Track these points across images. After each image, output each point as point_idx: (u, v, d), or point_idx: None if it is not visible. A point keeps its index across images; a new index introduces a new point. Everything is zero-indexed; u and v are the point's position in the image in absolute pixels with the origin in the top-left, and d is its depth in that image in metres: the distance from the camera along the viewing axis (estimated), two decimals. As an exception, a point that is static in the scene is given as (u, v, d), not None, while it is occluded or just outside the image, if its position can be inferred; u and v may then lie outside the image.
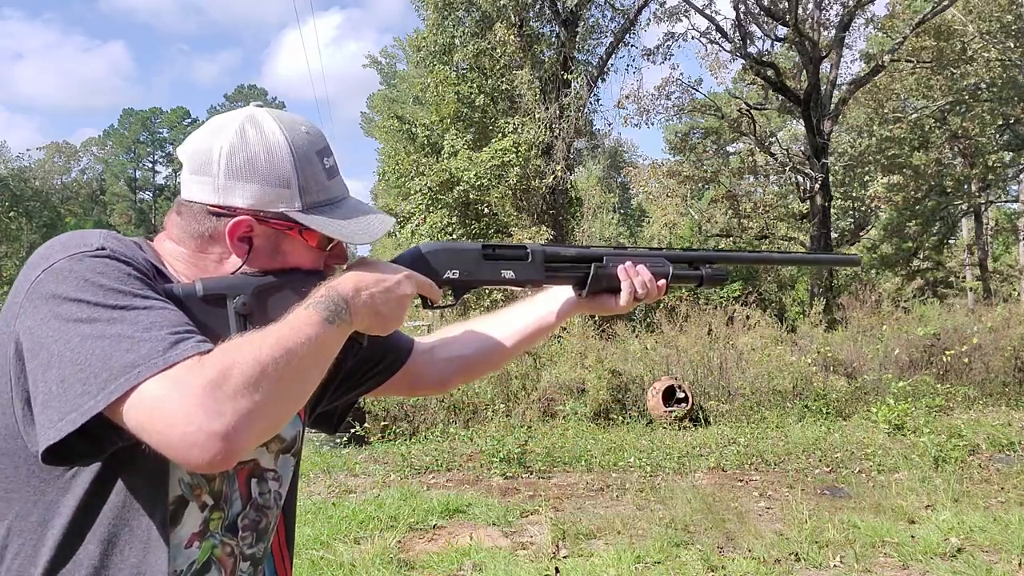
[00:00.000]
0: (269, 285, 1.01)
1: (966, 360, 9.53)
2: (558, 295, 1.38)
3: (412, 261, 1.15)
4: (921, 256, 23.65)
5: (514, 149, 15.47)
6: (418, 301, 1.17)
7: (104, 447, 0.85)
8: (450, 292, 1.22)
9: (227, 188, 0.98)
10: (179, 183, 1.06)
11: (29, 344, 0.84)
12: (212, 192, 0.99)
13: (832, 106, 17.90)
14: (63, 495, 0.89)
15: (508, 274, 1.23)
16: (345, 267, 1.07)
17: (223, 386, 0.79)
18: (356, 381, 1.27)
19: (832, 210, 18.99)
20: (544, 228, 15.39)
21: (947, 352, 9.55)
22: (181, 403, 0.78)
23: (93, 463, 0.88)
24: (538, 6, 17.11)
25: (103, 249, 0.89)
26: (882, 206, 21.95)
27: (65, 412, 0.79)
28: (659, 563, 4.21)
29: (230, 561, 1.04)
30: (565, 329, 10.68)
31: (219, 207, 0.99)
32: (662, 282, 1.33)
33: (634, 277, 1.30)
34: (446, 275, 1.18)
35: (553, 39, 17.37)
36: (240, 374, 0.80)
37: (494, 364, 1.41)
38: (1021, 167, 21.45)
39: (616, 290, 1.32)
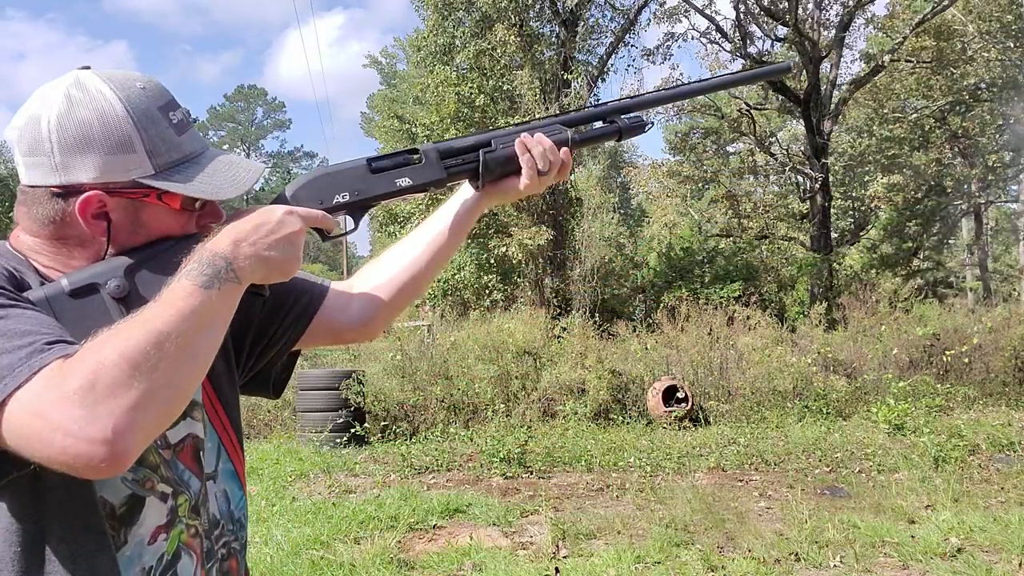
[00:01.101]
0: (140, 261, 0.92)
1: (966, 360, 9.53)
2: (462, 194, 1.27)
3: (292, 197, 1.06)
4: (921, 256, 23.65)
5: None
6: (318, 238, 1.09)
7: (4, 472, 0.81)
8: (347, 216, 1.13)
9: (66, 165, 0.89)
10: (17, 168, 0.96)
11: None
12: (51, 172, 0.90)
13: (832, 106, 17.90)
14: None
15: (404, 181, 1.14)
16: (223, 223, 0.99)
17: (92, 391, 0.73)
18: (272, 336, 1.18)
19: (832, 210, 18.98)
20: (544, 228, 15.39)
21: (947, 352, 9.55)
22: (52, 416, 0.72)
23: None
24: (538, 6, 17.12)
25: None
26: (882, 206, 21.94)
27: None
28: (659, 563, 4.21)
29: (197, 541, 1.00)
30: (565, 329, 10.68)
31: (62, 187, 0.90)
32: (564, 150, 1.20)
33: (533, 149, 1.17)
34: (335, 200, 1.09)
35: (553, 39, 17.37)
36: (107, 372, 0.74)
37: (413, 286, 1.28)
38: (1021, 167, 21.45)
39: (516, 172, 1.19)
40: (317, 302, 1.21)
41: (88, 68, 0.96)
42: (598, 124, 1.29)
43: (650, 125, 1.30)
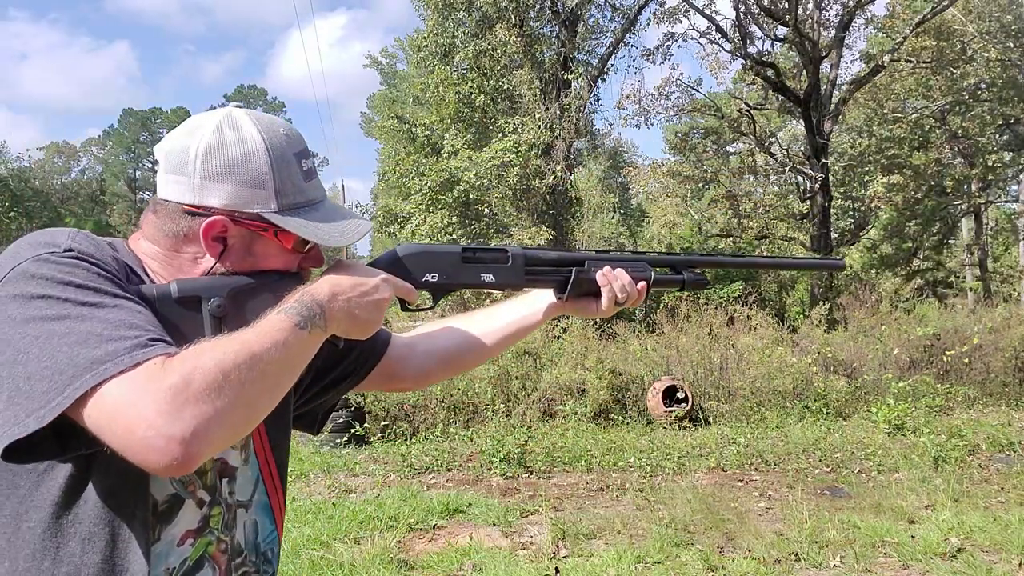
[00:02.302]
0: (245, 287, 1.00)
1: (966, 360, 9.53)
2: (541, 295, 1.38)
3: (390, 264, 1.15)
4: (921, 256, 23.65)
5: (514, 149, 15.48)
6: (397, 305, 1.17)
7: (68, 448, 0.84)
8: (428, 296, 1.22)
9: (202, 188, 0.98)
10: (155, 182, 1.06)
11: None
12: (188, 191, 0.99)
13: (832, 106, 17.90)
14: (36, 488, 0.88)
15: (488, 278, 1.24)
16: (323, 270, 1.07)
17: (184, 391, 0.78)
18: (331, 380, 1.26)
19: (832, 210, 18.98)
20: (544, 228, 15.40)
21: (947, 352, 9.55)
22: (142, 406, 0.77)
23: (56, 462, 0.87)
24: (538, 6, 17.11)
25: (71, 250, 0.88)
26: (882, 206, 21.94)
27: (32, 409, 0.78)
28: (659, 563, 4.21)
29: (224, 558, 1.03)
30: (565, 330, 10.68)
31: (194, 207, 0.99)
32: (642, 285, 1.34)
33: (613, 282, 1.31)
34: (424, 278, 1.18)
35: (553, 39, 17.37)
36: (202, 379, 0.79)
37: (473, 361, 1.41)
38: (1021, 167, 21.45)
39: (596, 293, 1.32)
40: (380, 352, 1.30)
41: (241, 106, 1.05)
42: (666, 271, 1.43)
43: (710, 285, 1.49)
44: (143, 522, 0.91)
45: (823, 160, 17.31)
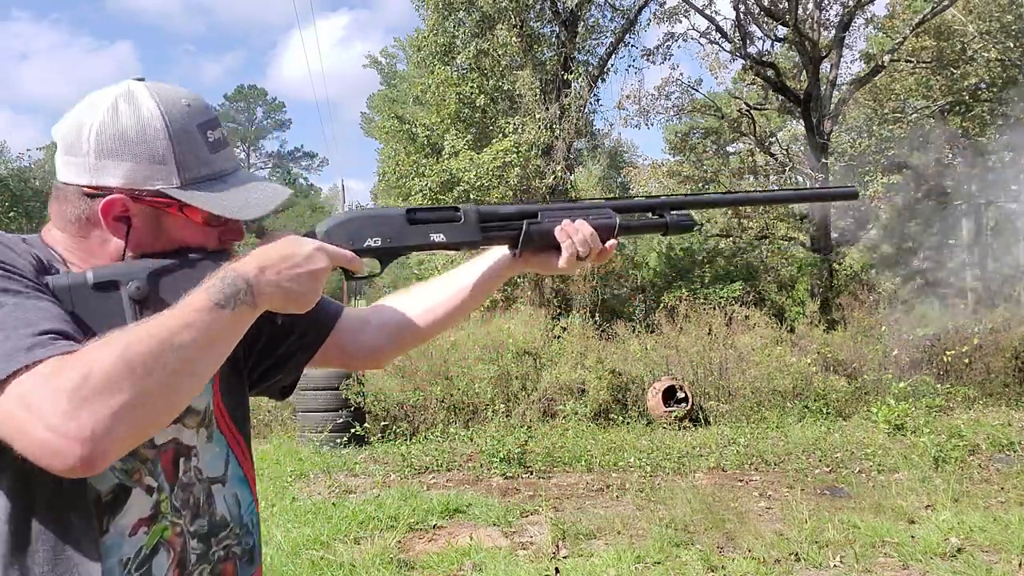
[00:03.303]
0: (166, 268, 0.95)
1: (966, 361, 9.53)
2: (498, 254, 1.28)
3: (326, 233, 1.08)
4: (921, 256, 23.64)
5: (515, 149, 15.47)
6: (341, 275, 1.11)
7: None
8: (376, 263, 1.15)
9: (98, 167, 0.94)
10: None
11: None
12: (84, 172, 0.95)
13: (832, 106, 17.90)
14: None
15: (438, 237, 1.15)
16: (245, 241, 1.03)
17: (81, 388, 0.75)
18: (279, 357, 1.20)
19: (832, 210, 18.97)
20: (544, 228, 15.37)
21: (947, 352, 9.55)
22: (38, 408, 0.74)
23: None
24: (538, 6, 17.10)
25: None
26: (882, 206, 21.94)
27: None
28: (659, 563, 4.21)
29: (179, 541, 1.01)
30: (565, 330, 10.68)
31: (92, 188, 0.95)
32: (611, 243, 1.21)
33: (573, 235, 1.18)
34: (367, 244, 1.11)
35: (553, 39, 17.36)
36: (100, 374, 0.76)
37: (429, 330, 1.31)
38: (1021, 167, 21.45)
39: (556, 247, 1.20)
40: (329, 326, 1.23)
41: (142, 80, 1.00)
42: (648, 215, 1.30)
43: (699, 227, 1.34)
44: (86, 516, 0.89)
45: (823, 160, 17.30)
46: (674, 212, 1.29)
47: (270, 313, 0.96)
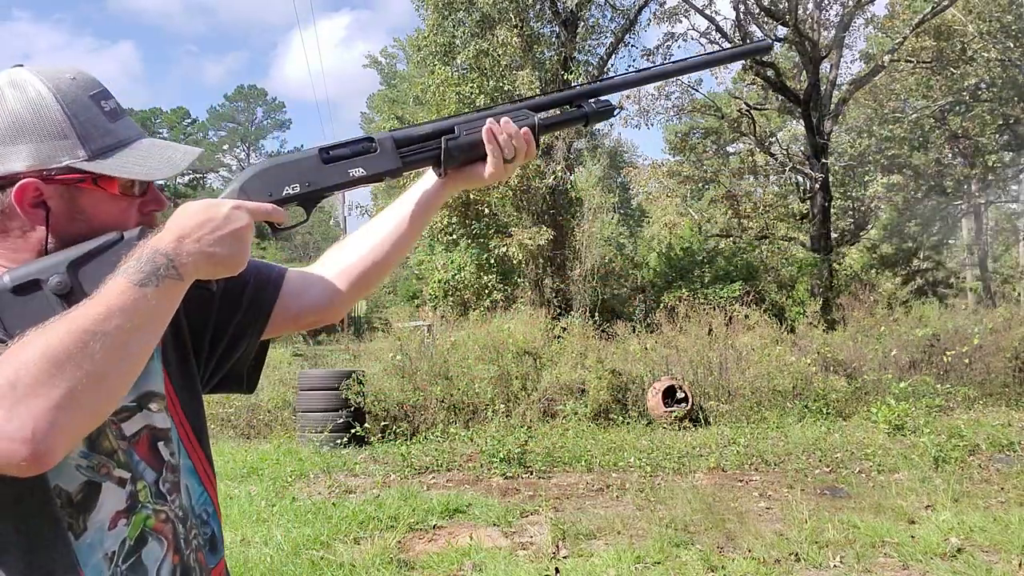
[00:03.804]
0: (84, 256, 0.92)
1: (966, 361, 9.53)
2: (425, 181, 1.25)
3: (240, 190, 1.05)
4: (921, 256, 23.65)
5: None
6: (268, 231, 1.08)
7: None
8: (297, 208, 1.11)
9: (0, 156, 0.91)
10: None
11: None
12: None
13: (832, 106, 17.90)
14: None
15: (358, 172, 1.11)
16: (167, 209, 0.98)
17: (12, 391, 0.74)
18: (232, 334, 1.17)
19: (832, 210, 18.99)
20: (544, 228, 15.39)
21: (947, 353, 9.55)
22: None
23: None
24: (538, 6, 17.12)
25: None
26: (882, 206, 21.94)
27: None
28: (659, 563, 4.21)
29: (168, 527, 1.00)
30: (565, 329, 10.69)
31: None
32: (525, 131, 1.18)
33: (498, 135, 1.15)
34: (285, 192, 1.07)
35: (553, 39, 17.38)
36: (28, 373, 0.75)
37: (375, 272, 1.27)
38: (1021, 167, 21.45)
39: (481, 158, 1.17)
40: (274, 293, 1.19)
41: (21, 66, 0.97)
42: (567, 108, 1.27)
43: (618, 110, 1.29)
44: (53, 518, 0.89)
45: (823, 160, 17.31)
46: (592, 100, 1.25)
47: (203, 283, 0.94)
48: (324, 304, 1.24)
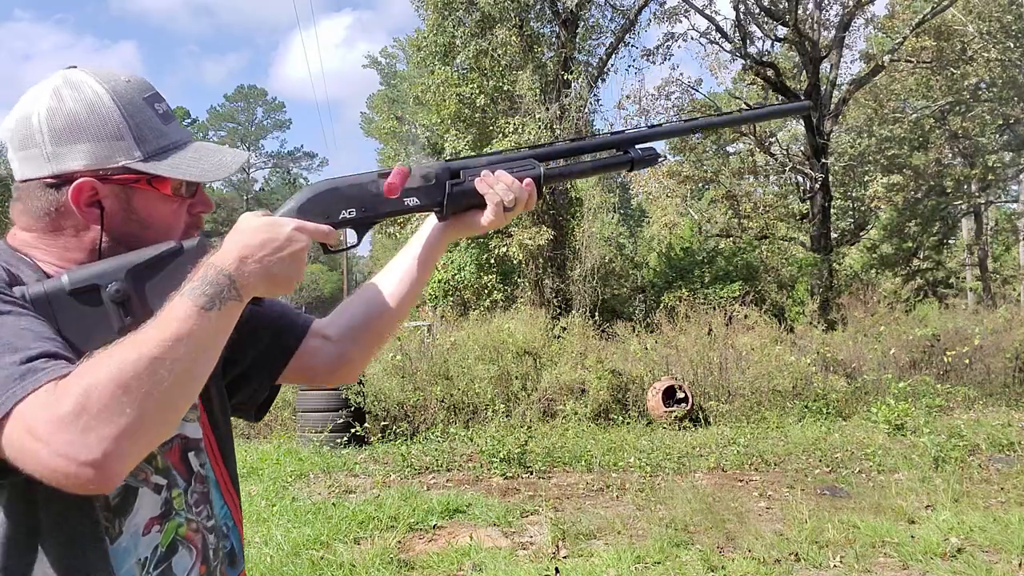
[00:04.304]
0: (143, 265, 0.92)
1: (967, 361, 9.53)
2: (429, 224, 1.24)
3: (298, 211, 1.05)
4: (921, 256, 23.64)
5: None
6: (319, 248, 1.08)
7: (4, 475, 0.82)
8: (351, 231, 1.12)
9: (57, 155, 0.92)
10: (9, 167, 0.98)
11: None
12: (43, 163, 0.92)
13: (832, 106, 17.90)
14: None
15: (413, 201, 1.11)
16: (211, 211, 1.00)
17: (82, 415, 0.74)
18: (249, 364, 1.16)
19: (832, 210, 18.99)
20: (544, 228, 15.39)
21: (948, 353, 9.55)
22: (43, 437, 0.74)
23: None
24: (538, 7, 17.11)
25: None
26: (882, 206, 21.94)
27: None
28: (659, 563, 4.21)
29: (198, 537, 1.01)
30: (565, 329, 10.69)
31: (55, 177, 0.92)
32: (527, 182, 1.15)
33: (494, 185, 1.13)
34: (341, 216, 1.08)
35: (553, 39, 17.37)
36: (99, 398, 0.75)
37: (386, 326, 1.26)
38: (1021, 167, 21.45)
39: (480, 205, 1.15)
40: (295, 343, 1.19)
41: (75, 67, 0.98)
42: (613, 152, 1.25)
43: (662, 159, 1.27)
44: (92, 520, 0.89)
45: (823, 160, 17.30)
46: (637, 147, 1.23)
47: (254, 299, 0.94)
48: (339, 365, 1.23)
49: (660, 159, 1.26)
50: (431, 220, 1.24)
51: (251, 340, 1.13)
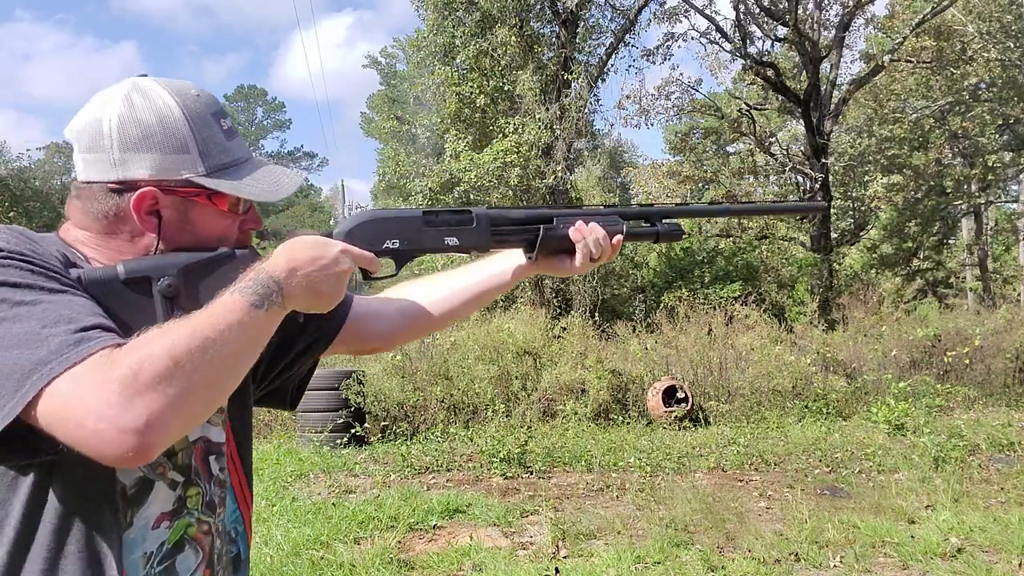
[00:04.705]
0: (196, 264, 0.96)
1: (967, 361, 9.53)
2: (509, 256, 1.32)
3: (347, 234, 1.10)
4: (921, 256, 23.64)
5: (515, 149, 15.48)
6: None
7: (35, 447, 0.83)
8: (392, 263, 1.18)
9: (124, 161, 0.95)
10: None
11: None
12: (109, 168, 0.95)
13: (832, 106, 17.89)
14: (12, 493, 0.87)
15: (452, 241, 1.18)
16: (268, 236, 1.03)
17: (134, 381, 0.77)
18: (296, 352, 1.22)
19: (832, 210, 18.99)
20: (544, 228, 15.37)
21: (948, 353, 9.55)
22: (91, 399, 0.76)
23: (21, 464, 0.87)
24: (538, 7, 17.11)
25: (1, 251, 0.86)
26: (882, 206, 21.94)
27: None
28: (659, 563, 4.21)
29: (207, 539, 1.02)
30: (565, 329, 10.68)
31: (119, 182, 0.95)
32: (617, 239, 1.27)
33: (587, 236, 1.24)
34: (385, 245, 1.13)
35: (553, 39, 17.37)
36: (151, 368, 0.78)
37: (440, 323, 1.35)
38: (1021, 167, 21.45)
39: (569, 250, 1.26)
40: (340, 320, 1.25)
41: (146, 75, 1.01)
42: (641, 223, 1.37)
43: (686, 235, 1.41)
44: (113, 508, 0.90)
45: (823, 160, 17.30)
46: (665, 220, 1.35)
47: (294, 312, 0.97)
48: (384, 337, 1.31)
49: (684, 235, 1.39)
50: (514, 252, 1.31)
51: (297, 328, 1.17)
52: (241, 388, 1.10)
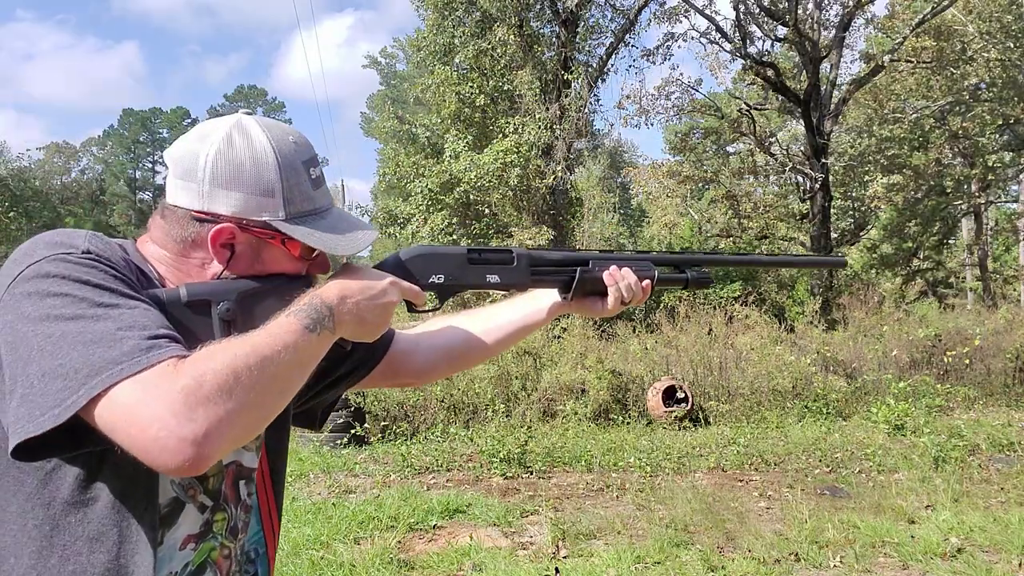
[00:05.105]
0: (254, 291, 1.01)
1: (967, 361, 9.53)
2: (544, 295, 1.39)
3: (396, 266, 1.16)
4: (921, 256, 23.64)
5: (515, 149, 15.48)
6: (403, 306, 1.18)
7: (79, 446, 0.85)
8: (435, 296, 1.23)
9: (211, 195, 0.99)
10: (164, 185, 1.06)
11: (9, 339, 0.83)
12: (196, 198, 0.99)
13: (832, 106, 17.90)
14: (43, 486, 0.88)
15: (493, 279, 1.24)
16: (329, 274, 1.08)
17: (197, 392, 0.79)
18: (335, 377, 1.26)
19: (832, 210, 18.99)
20: (544, 228, 15.39)
21: (948, 353, 9.55)
22: (154, 406, 0.78)
23: (63, 461, 0.88)
24: (538, 6, 17.11)
25: (88, 252, 0.89)
26: (882, 206, 21.94)
27: (47, 407, 0.79)
28: (659, 563, 4.21)
29: (226, 564, 1.04)
30: (565, 330, 10.68)
31: (203, 213, 0.99)
32: (647, 284, 1.35)
33: (620, 281, 1.32)
34: (431, 280, 1.19)
35: (553, 39, 17.37)
36: (213, 380, 0.81)
37: (476, 359, 1.42)
38: (1021, 167, 21.44)
39: (601, 292, 1.33)
40: (383, 349, 1.30)
41: (250, 113, 1.05)
42: (670, 269, 1.45)
43: (712, 283, 1.47)
44: (151, 524, 0.92)
45: (823, 160, 17.30)
46: (694, 269, 1.43)
47: (341, 340, 1.01)
48: (420, 374, 1.37)
49: (712, 283, 1.47)
50: (550, 291, 1.37)
51: (339, 356, 1.20)
52: (282, 412, 1.15)
